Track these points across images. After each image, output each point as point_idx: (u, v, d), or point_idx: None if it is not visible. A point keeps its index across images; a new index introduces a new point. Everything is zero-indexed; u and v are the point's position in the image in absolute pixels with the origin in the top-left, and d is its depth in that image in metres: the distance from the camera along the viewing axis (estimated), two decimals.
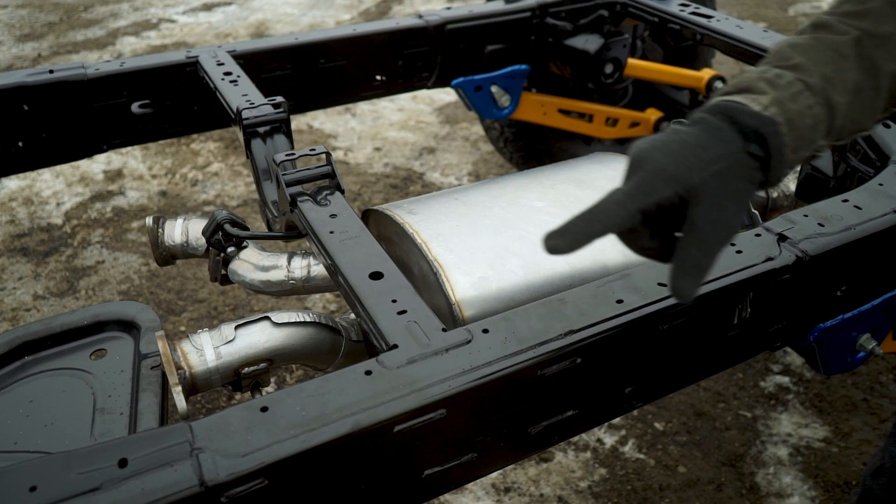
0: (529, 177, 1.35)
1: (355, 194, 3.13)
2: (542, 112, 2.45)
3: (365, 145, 3.53)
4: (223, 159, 3.38)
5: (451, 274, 1.11)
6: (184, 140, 3.51)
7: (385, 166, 3.35)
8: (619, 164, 1.40)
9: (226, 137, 3.52)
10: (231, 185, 3.21)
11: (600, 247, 1.23)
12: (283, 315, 1.05)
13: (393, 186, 3.19)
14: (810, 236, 1.15)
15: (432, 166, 3.36)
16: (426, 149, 3.50)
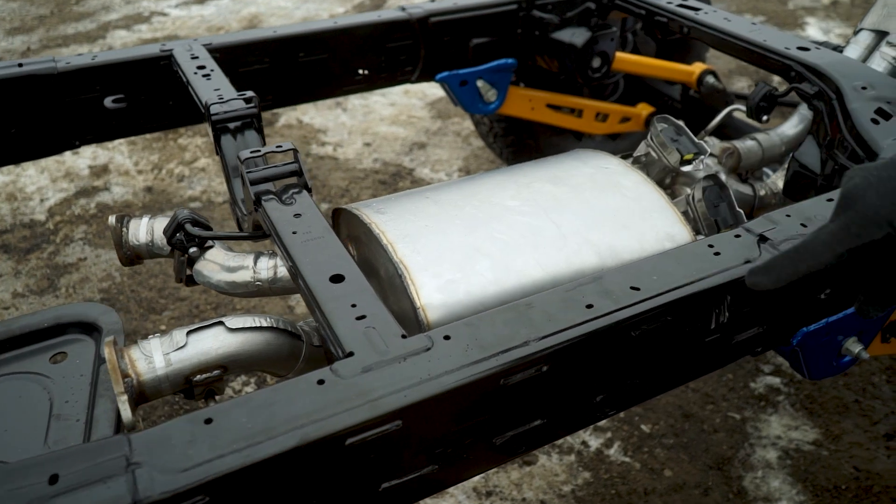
0: (506, 174, 1.31)
1: (343, 190, 3.08)
2: (529, 107, 2.40)
3: (355, 140, 3.48)
4: (210, 154, 3.34)
5: (417, 276, 1.07)
6: (171, 135, 3.46)
7: (375, 162, 3.31)
8: (600, 161, 1.36)
9: None
10: (218, 180, 3.16)
11: (575, 248, 1.19)
12: (239, 320, 1.01)
13: (382, 182, 3.15)
14: (792, 237, 1.10)
15: (422, 162, 3.32)
16: (417, 144, 3.45)
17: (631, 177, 1.30)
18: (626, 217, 1.21)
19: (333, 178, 3.16)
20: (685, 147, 1.45)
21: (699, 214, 1.41)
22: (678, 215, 1.25)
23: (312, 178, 3.16)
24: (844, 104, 1.39)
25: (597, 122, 2.55)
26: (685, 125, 2.31)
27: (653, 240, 1.19)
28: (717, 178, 1.45)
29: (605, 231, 1.18)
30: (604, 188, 1.26)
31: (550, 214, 1.19)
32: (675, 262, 1.05)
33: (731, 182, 1.63)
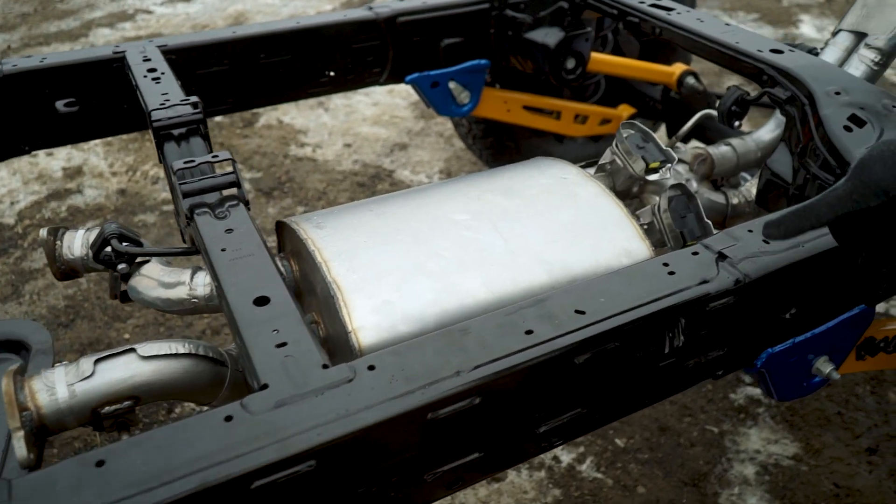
0: (457, 185, 1.24)
1: (320, 193, 3.02)
2: (505, 109, 2.33)
3: (335, 141, 3.42)
4: None
5: (351, 297, 1.00)
6: (147, 135, 3.39)
7: (354, 163, 3.24)
8: (558, 171, 1.29)
9: None
10: None
11: (524, 265, 1.13)
12: (153, 346, 0.94)
13: (360, 185, 3.08)
14: (753, 255, 1.03)
15: (403, 163, 3.25)
16: (398, 145, 3.39)
17: (589, 188, 1.23)
18: (581, 231, 1.15)
19: (311, 181, 3.09)
20: (651, 155, 1.39)
21: (665, 226, 1.35)
22: (636, 229, 1.18)
23: (289, 180, 3.10)
24: (817, 110, 1.32)
25: (576, 124, 2.48)
26: (667, 126, 2.24)
27: (609, 255, 1.13)
28: (684, 188, 1.38)
29: (558, 246, 1.12)
30: (559, 200, 1.19)
31: (500, 229, 1.12)
32: (626, 282, 0.98)
33: (702, 190, 1.56)
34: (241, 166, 3.19)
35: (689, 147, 1.60)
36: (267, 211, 2.92)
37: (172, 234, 2.80)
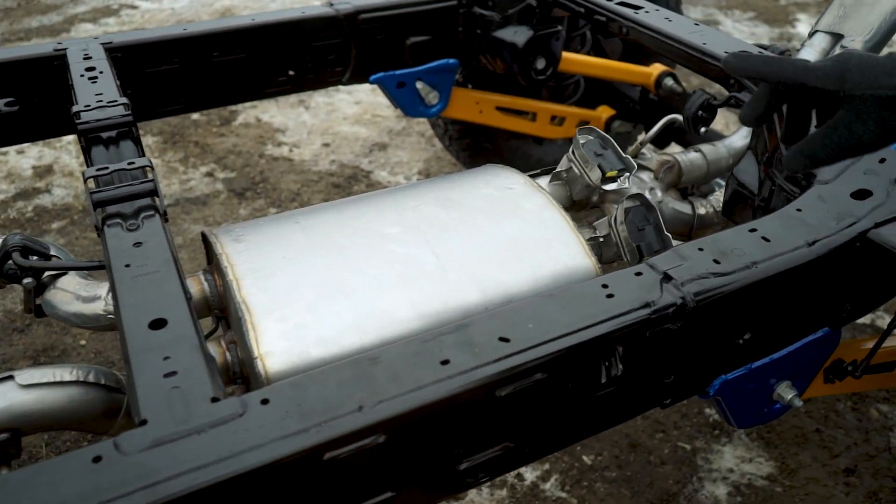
0: (394, 195, 1.16)
1: (294, 194, 2.94)
2: (477, 110, 2.25)
3: (314, 140, 3.34)
4: (160, 154, 3.20)
5: (260, 319, 0.92)
6: None
7: (331, 163, 3.16)
8: (505, 181, 1.21)
9: (166, 131, 3.34)
10: (165, 182, 3.02)
11: (455, 283, 1.05)
12: (34, 374, 0.87)
13: (335, 186, 3.00)
14: (701, 276, 0.95)
15: (381, 164, 3.17)
16: (378, 145, 3.31)
17: (535, 199, 1.15)
18: (522, 247, 1.07)
19: (285, 181, 3.02)
20: (609, 163, 1.30)
21: (622, 239, 1.27)
22: (582, 244, 1.10)
23: (263, 180, 3.02)
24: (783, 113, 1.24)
25: (552, 125, 2.40)
26: (646, 129, 2.15)
27: (550, 274, 1.05)
28: (643, 198, 1.30)
29: (495, 263, 1.04)
30: (502, 212, 1.11)
31: (433, 244, 1.04)
32: (559, 306, 0.90)
33: (668, 199, 1.48)
34: (215, 166, 3.11)
35: (654, 154, 1.51)
36: (238, 212, 2.84)
37: None
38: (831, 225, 1.05)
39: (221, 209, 2.86)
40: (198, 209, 2.87)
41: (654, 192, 1.47)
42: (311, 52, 1.89)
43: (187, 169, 3.10)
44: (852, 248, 1.04)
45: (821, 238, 1.02)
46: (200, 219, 2.81)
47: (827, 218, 1.06)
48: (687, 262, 0.97)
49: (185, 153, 3.20)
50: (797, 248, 1.00)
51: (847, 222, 1.05)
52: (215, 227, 1.14)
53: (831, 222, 1.05)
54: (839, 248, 1.02)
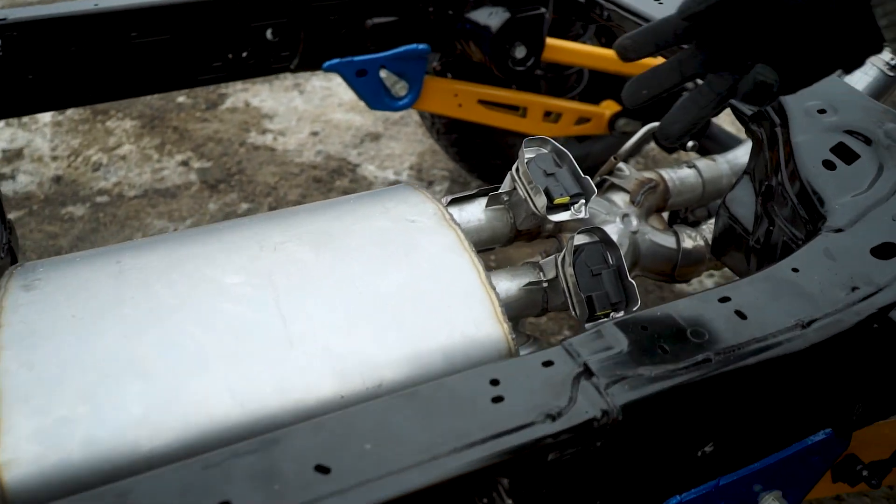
0: (259, 225, 0.89)
1: (270, 188, 2.69)
2: (455, 103, 1.96)
3: (302, 128, 3.08)
4: (136, 140, 2.98)
5: (10, 410, 0.67)
6: (100, 115, 3.12)
7: (317, 154, 2.91)
8: (409, 211, 0.93)
9: (146, 114, 3.12)
10: (136, 171, 2.81)
11: (302, 363, 0.77)
12: None
13: (317, 181, 2.75)
14: (636, 373, 0.67)
15: (371, 156, 2.90)
16: (370, 135, 3.04)
17: (440, 238, 0.87)
18: (408, 308, 0.79)
19: (263, 174, 2.77)
20: (561, 185, 1.01)
21: (569, 287, 0.98)
22: (493, 305, 0.81)
23: (239, 171, 2.78)
24: (789, 133, 0.93)
25: (546, 122, 2.09)
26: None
27: (439, 348, 0.77)
28: (601, 233, 1.01)
29: (364, 332, 0.76)
30: (390, 256, 0.84)
31: (284, 303, 0.77)
32: (420, 415, 0.63)
33: (646, 229, 1.18)
34: (192, 154, 2.89)
35: (632, 171, 1.21)
36: (207, 207, 2.61)
37: (99, 229, 2.52)
38: (838, 296, 0.75)
39: (190, 203, 2.63)
40: (165, 202, 2.64)
41: (627, 221, 1.17)
42: (250, 34, 1.63)
43: (162, 157, 2.88)
44: (867, 330, 0.73)
45: (821, 317, 0.72)
46: (166, 213, 2.59)
47: (834, 284, 0.76)
48: (619, 349, 0.69)
49: (163, 139, 2.98)
50: (785, 331, 0.71)
51: (862, 293, 0.75)
52: (23, 262, 0.88)
53: (839, 291, 0.75)
54: (848, 333, 0.72)
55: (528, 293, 1.02)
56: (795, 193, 0.89)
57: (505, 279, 1.01)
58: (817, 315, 0.72)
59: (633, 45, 0.83)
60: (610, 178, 1.20)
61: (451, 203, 1.05)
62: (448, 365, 0.77)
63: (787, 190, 0.90)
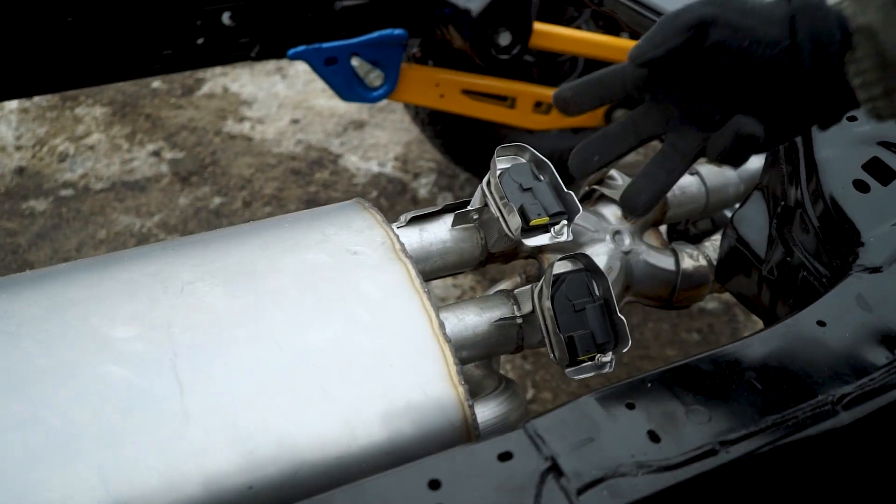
0: (167, 258, 0.73)
1: (245, 181, 2.54)
2: (437, 94, 1.80)
3: (282, 115, 2.92)
4: (106, 128, 2.82)
5: None
6: (69, 102, 2.95)
7: (296, 144, 2.74)
8: (353, 240, 0.77)
9: (117, 101, 2.96)
10: (105, 162, 2.65)
11: (198, 443, 0.62)
12: None
13: (295, 173, 2.59)
14: (618, 474, 0.51)
15: (354, 147, 2.74)
16: (354, 123, 2.87)
17: (386, 277, 0.71)
18: (342, 369, 0.64)
19: (238, 165, 2.61)
20: (540, 203, 0.86)
21: (548, 325, 0.83)
22: (447, 364, 0.66)
23: (213, 162, 2.62)
24: (811, 146, 0.77)
25: (537, 114, 1.93)
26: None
27: (375, 422, 0.62)
28: (587, 260, 0.86)
29: (282, 403, 0.61)
30: (322, 302, 0.68)
31: (182, 363, 0.62)
32: None
33: (640, 249, 1.02)
34: (164, 144, 2.73)
35: (625, 180, 1.05)
36: (177, 201, 2.45)
37: (61, 226, 2.36)
38: (878, 359, 0.59)
39: (160, 197, 2.48)
40: (133, 196, 2.49)
41: (619, 239, 1.01)
42: (204, 19, 1.46)
43: (132, 146, 2.72)
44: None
45: (854, 391, 0.57)
46: (133, 208, 2.43)
47: (870, 343, 0.61)
48: (598, 436, 0.54)
49: (134, 128, 2.81)
50: (812, 408, 0.56)
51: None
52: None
53: (878, 354, 0.60)
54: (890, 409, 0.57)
55: (501, 329, 0.87)
56: (819, 218, 0.73)
57: (472, 313, 0.86)
58: (850, 389, 0.57)
59: (573, 98, 0.74)
60: (599, 189, 1.04)
61: (412, 222, 0.89)
62: (387, 443, 0.62)
63: (808, 214, 0.75)
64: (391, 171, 2.62)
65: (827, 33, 0.59)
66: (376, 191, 2.52)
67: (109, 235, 2.31)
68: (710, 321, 2.10)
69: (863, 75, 0.59)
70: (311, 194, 2.50)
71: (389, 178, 2.58)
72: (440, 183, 2.56)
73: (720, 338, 2.03)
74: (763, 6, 0.64)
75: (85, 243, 2.29)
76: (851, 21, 0.59)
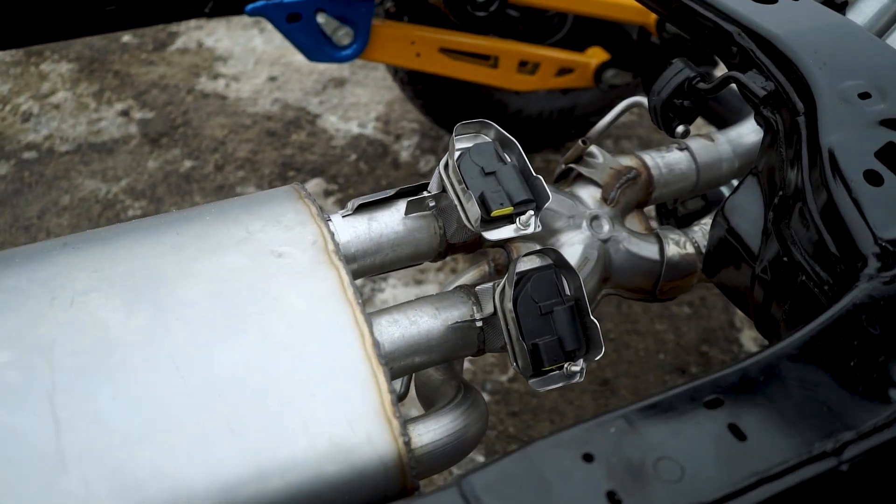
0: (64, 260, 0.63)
1: (218, 143, 2.41)
2: (413, 52, 1.67)
3: (259, 72, 2.77)
4: (72, 86, 2.68)
5: None
6: (33, 58, 2.80)
7: (273, 103, 2.61)
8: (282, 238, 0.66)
9: (84, 56, 2.80)
10: (71, 122, 2.52)
11: (81, 490, 0.53)
12: None
13: (270, 134, 2.46)
14: None
15: (333, 106, 2.60)
16: (335, 80, 2.73)
17: (313, 285, 0.61)
18: (253, 400, 0.54)
19: (211, 126, 2.48)
20: (504, 190, 0.75)
21: (510, 331, 0.73)
22: (380, 392, 0.56)
23: (185, 123, 2.49)
24: (816, 128, 0.66)
25: (521, 74, 1.80)
26: (643, 84, 1.60)
27: (291, 466, 0.52)
28: (557, 256, 0.76)
29: (179, 443, 0.52)
30: (236, 317, 0.58)
31: (61, 395, 0.52)
32: None
33: (621, 235, 0.91)
34: (133, 103, 2.59)
35: (607, 157, 0.94)
36: (146, 165, 2.33)
37: (23, 191, 2.25)
38: (890, 395, 0.50)
39: (128, 160, 2.36)
40: (100, 159, 2.36)
41: (597, 225, 0.91)
42: None
43: (100, 106, 2.58)
44: None
45: (856, 438, 0.47)
46: (100, 172, 2.31)
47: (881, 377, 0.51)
48: (546, 496, 0.44)
49: (102, 85, 2.67)
50: (805, 463, 0.46)
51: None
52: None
53: (891, 389, 0.50)
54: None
55: (459, 332, 0.77)
56: (821, 213, 0.63)
57: (427, 314, 0.76)
58: (850, 436, 0.47)
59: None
60: (577, 168, 0.93)
61: (360, 209, 0.79)
62: (307, 489, 0.52)
63: (809, 208, 0.64)
64: (372, 133, 2.49)
65: None
66: (355, 154, 2.40)
67: (73, 201, 2.20)
68: (703, 294, 2.01)
69: None
70: (287, 157, 2.38)
71: (370, 140, 2.46)
72: (423, 146, 2.44)
73: (712, 312, 1.94)
74: None
75: (47, 210, 2.18)
76: None
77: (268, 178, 2.29)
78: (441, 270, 2.04)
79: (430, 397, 0.82)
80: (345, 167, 2.36)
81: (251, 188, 2.25)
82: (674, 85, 0.81)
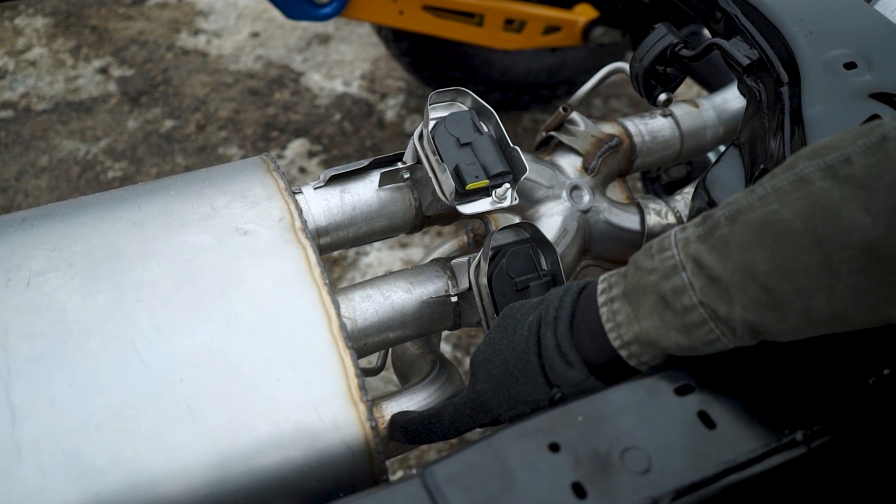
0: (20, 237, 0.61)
1: (199, 102, 2.36)
2: (395, 10, 1.62)
3: (241, 28, 2.70)
4: (48, 42, 2.60)
5: None
6: (7, 12, 2.72)
7: (256, 60, 2.55)
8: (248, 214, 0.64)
9: (60, 10, 2.72)
10: (47, 79, 2.45)
11: (36, 481, 0.52)
12: None
13: (253, 92, 2.41)
14: None
15: (318, 63, 2.55)
16: (319, 36, 2.66)
17: (279, 265, 0.59)
18: (215, 385, 0.53)
19: (192, 84, 2.43)
20: (479, 162, 0.73)
21: (485, 307, 0.72)
22: (346, 375, 0.55)
23: (165, 81, 2.43)
24: (800, 99, 0.64)
25: (507, 32, 1.76)
26: (633, 42, 1.56)
27: (255, 450, 0.51)
28: (532, 229, 0.74)
29: (139, 430, 0.50)
30: (198, 299, 0.56)
31: (16, 382, 0.51)
32: None
33: (601, 206, 0.90)
34: (112, 59, 2.52)
35: (588, 125, 0.91)
36: (126, 124, 2.28)
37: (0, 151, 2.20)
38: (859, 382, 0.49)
39: (107, 119, 2.31)
40: (78, 118, 2.31)
41: (577, 195, 0.89)
42: None
43: (77, 62, 2.52)
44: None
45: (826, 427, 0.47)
46: (78, 132, 2.26)
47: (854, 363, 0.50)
48: (513, 495, 0.43)
49: (79, 41, 2.60)
50: (772, 452, 0.46)
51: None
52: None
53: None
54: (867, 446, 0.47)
55: (433, 307, 0.76)
56: None
57: (401, 289, 0.75)
58: (821, 424, 0.46)
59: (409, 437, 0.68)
60: (557, 136, 0.91)
61: (332, 181, 0.77)
62: (271, 474, 0.51)
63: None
64: (357, 92, 2.44)
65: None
66: (340, 113, 2.35)
67: (52, 162, 2.16)
68: None
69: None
70: (270, 117, 2.33)
71: (355, 99, 2.41)
72: (409, 104, 2.39)
73: None
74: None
75: (25, 171, 2.14)
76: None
77: (251, 139, 2.24)
78: (426, 234, 2.03)
79: (405, 372, 0.81)
80: (329, 127, 2.31)
81: (233, 149, 2.21)
82: (656, 52, 0.78)
